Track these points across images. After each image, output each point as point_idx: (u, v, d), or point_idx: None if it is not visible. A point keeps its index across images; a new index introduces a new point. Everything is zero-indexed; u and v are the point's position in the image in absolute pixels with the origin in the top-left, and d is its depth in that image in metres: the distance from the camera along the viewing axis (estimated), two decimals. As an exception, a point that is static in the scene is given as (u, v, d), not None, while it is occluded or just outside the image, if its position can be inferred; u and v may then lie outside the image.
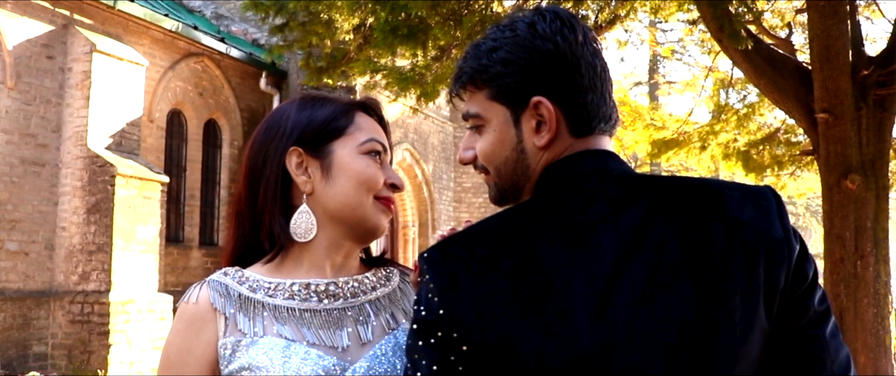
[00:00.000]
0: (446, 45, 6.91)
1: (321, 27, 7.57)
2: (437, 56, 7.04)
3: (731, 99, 10.80)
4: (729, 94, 10.83)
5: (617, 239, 0.99)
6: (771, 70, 6.52)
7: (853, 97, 6.17)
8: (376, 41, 6.64)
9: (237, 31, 13.37)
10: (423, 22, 6.25)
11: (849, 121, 6.09)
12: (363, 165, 1.30)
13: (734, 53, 6.53)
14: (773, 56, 6.79)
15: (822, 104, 6.01)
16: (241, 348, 1.22)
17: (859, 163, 6.23)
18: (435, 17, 6.26)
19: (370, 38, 7.57)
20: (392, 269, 1.41)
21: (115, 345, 8.88)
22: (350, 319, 1.28)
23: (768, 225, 1.02)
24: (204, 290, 1.28)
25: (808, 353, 1.03)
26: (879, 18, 9.53)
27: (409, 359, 1.01)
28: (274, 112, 1.38)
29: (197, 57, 11.37)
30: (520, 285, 0.97)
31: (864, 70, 6.39)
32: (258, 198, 1.31)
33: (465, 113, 1.16)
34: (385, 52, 7.16)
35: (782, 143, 10.04)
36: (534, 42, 1.07)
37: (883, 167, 6.52)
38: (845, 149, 6.10)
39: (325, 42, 7.84)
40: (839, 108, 6.01)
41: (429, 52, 6.84)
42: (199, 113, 11.61)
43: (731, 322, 0.97)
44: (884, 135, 6.59)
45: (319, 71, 8.21)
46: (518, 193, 1.13)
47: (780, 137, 10.01)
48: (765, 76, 6.53)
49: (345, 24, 7.58)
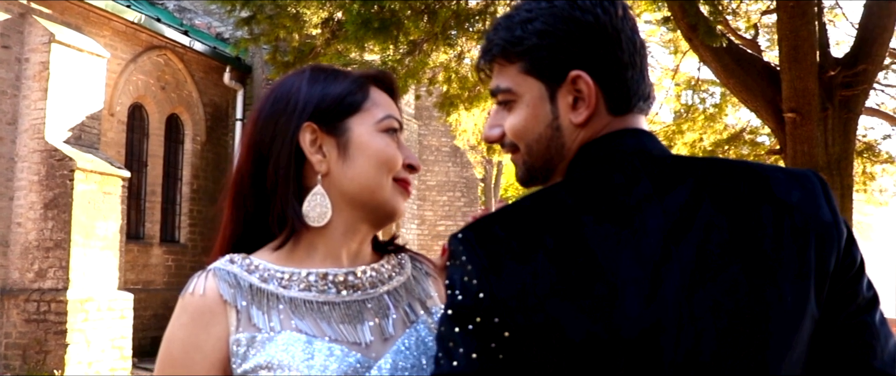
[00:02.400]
0: (418, 40, 6.85)
1: (289, 20, 7.49)
2: (409, 50, 6.97)
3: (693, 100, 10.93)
4: (692, 96, 10.97)
5: (664, 220, 0.95)
6: (740, 70, 6.59)
7: (820, 97, 6.28)
8: (347, 35, 6.56)
9: (201, 24, 13.14)
10: (395, 15, 6.18)
11: (815, 121, 6.19)
12: (383, 144, 1.21)
13: (704, 53, 6.58)
14: (743, 56, 6.87)
15: (790, 104, 6.08)
16: (257, 344, 1.12)
17: (825, 162, 6.34)
18: (407, 10, 6.19)
19: (339, 32, 7.50)
20: (404, 256, 1.33)
21: (73, 345, 8.64)
22: (370, 312, 1.19)
23: (816, 208, 0.99)
24: (210, 280, 1.17)
25: (859, 341, 1.00)
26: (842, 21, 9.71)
27: (442, 348, 0.95)
28: (279, 84, 1.26)
29: (159, 50, 11.14)
30: (565, 266, 0.92)
31: (830, 71, 6.51)
32: (267, 178, 1.20)
33: (495, 88, 1.09)
34: (354, 46, 7.09)
35: (747, 143, 10.18)
36: (572, 13, 1.02)
37: (848, 167, 6.64)
38: (812, 149, 6.18)
39: (292, 36, 7.76)
40: (806, 108, 6.09)
41: (400, 46, 6.77)
42: (162, 107, 11.38)
43: (783, 307, 0.93)
44: (848, 136, 6.72)
45: (286, 65, 8.11)
46: (549, 173, 1.08)
47: (745, 137, 10.15)
48: (734, 76, 6.60)
49: (313, 18, 7.51)
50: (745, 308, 0.92)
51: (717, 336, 0.91)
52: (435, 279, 1.33)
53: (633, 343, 0.90)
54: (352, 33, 6.22)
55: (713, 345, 0.91)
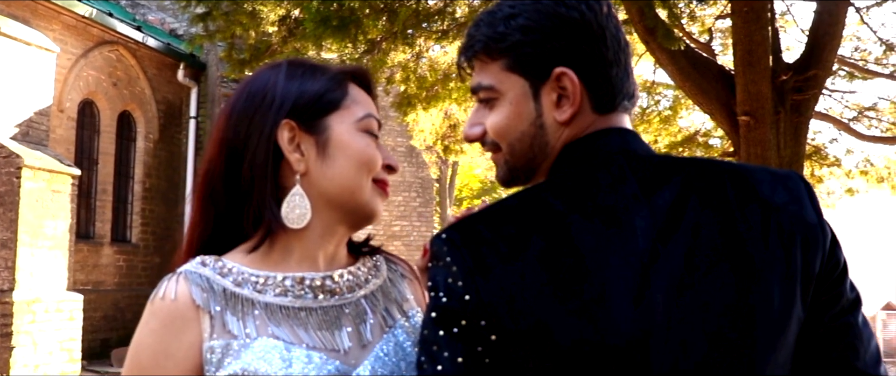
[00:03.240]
0: (377, 39, 6.81)
1: (245, 17, 7.40)
2: (368, 49, 6.93)
3: (649, 102, 11.09)
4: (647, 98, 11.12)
5: (651, 220, 0.93)
6: (696, 73, 6.68)
7: (773, 101, 6.40)
8: (305, 33, 6.49)
9: (154, 20, 12.90)
10: (354, 14, 6.13)
11: (768, 124, 6.31)
12: (363, 144, 1.17)
13: (661, 56, 6.65)
14: (698, 60, 6.97)
15: (744, 107, 6.20)
16: (233, 352, 1.07)
17: (777, 165, 6.46)
18: (366, 8, 6.15)
19: (296, 30, 7.43)
20: (379, 257, 1.29)
21: (19, 348, 8.39)
22: (348, 318, 1.16)
23: (801, 209, 0.99)
24: (182, 284, 1.11)
25: (843, 342, 1.00)
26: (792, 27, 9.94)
27: (425, 352, 0.92)
28: (254, 79, 1.20)
29: (111, 45, 10.91)
30: (553, 268, 0.90)
31: (782, 75, 6.64)
32: (242, 177, 1.14)
33: (476, 85, 1.06)
34: (312, 44, 7.03)
35: (701, 146, 10.35)
36: (557, 9, 1.00)
37: (798, 169, 6.79)
38: (765, 152, 6.31)
39: (249, 33, 7.67)
40: (760, 112, 6.21)
41: (359, 45, 6.72)
42: (113, 104, 11.14)
43: (770, 308, 0.93)
44: (799, 139, 6.87)
45: (242, 63, 8.02)
46: (531, 173, 1.06)
47: (699, 140, 10.32)
48: (690, 79, 6.69)
49: (270, 15, 7.43)
50: (733, 309, 0.92)
51: (705, 338, 0.90)
52: (411, 281, 1.30)
53: (623, 347, 0.88)
54: (310, 31, 6.16)
55: (703, 347, 0.90)
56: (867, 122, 12.08)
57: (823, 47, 6.85)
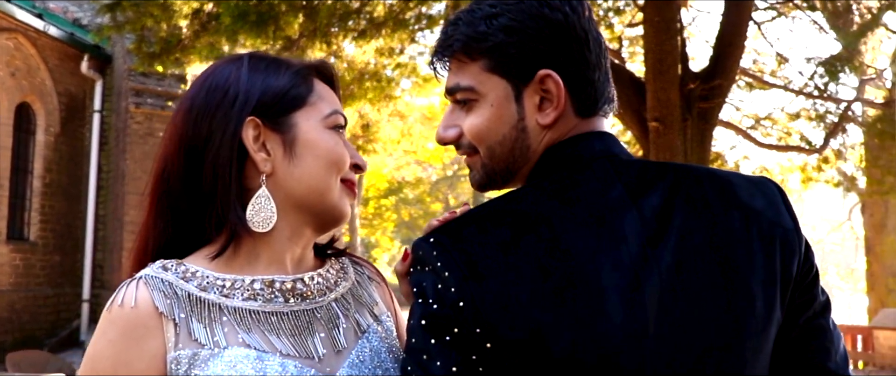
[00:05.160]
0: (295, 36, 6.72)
1: (157, 9, 7.18)
2: (285, 46, 6.83)
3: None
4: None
5: (641, 225, 0.94)
6: (608, 79, 6.88)
7: (681, 108, 6.65)
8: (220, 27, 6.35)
9: (56, 8, 12.33)
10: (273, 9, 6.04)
11: (677, 130, 6.56)
12: (332, 142, 1.11)
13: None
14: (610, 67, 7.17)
15: (654, 113, 6.42)
16: (200, 362, 1.01)
17: (684, 170, 6.72)
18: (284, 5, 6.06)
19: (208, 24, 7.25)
20: (345, 260, 1.24)
21: None
22: (320, 322, 1.11)
23: (778, 215, 1.00)
24: (142, 290, 1.04)
25: (817, 344, 1.02)
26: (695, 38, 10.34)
27: (413, 361, 0.89)
28: (213, 73, 1.13)
29: (9, 32, 10.37)
30: (546, 272, 0.89)
31: (690, 84, 6.91)
32: (203, 177, 1.07)
33: (453, 86, 1.03)
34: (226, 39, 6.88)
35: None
36: (541, 10, 0.98)
37: (703, 174, 7.06)
38: (673, 157, 6.55)
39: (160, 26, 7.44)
40: (669, 118, 6.45)
41: (276, 42, 6.62)
42: (11, 95, 10.59)
43: (754, 311, 0.95)
44: (705, 145, 7.18)
45: (152, 56, 7.80)
46: (510, 177, 1.04)
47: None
48: (602, 85, 6.88)
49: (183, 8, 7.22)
50: (722, 313, 0.93)
51: (697, 342, 0.91)
52: (378, 284, 1.26)
53: (617, 351, 0.88)
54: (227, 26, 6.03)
55: (695, 351, 0.91)
56: (763, 130, 12.70)
57: (728, 57, 7.17)
